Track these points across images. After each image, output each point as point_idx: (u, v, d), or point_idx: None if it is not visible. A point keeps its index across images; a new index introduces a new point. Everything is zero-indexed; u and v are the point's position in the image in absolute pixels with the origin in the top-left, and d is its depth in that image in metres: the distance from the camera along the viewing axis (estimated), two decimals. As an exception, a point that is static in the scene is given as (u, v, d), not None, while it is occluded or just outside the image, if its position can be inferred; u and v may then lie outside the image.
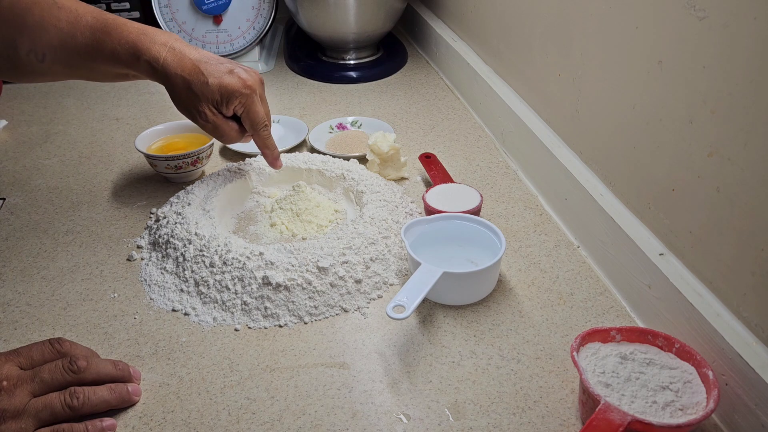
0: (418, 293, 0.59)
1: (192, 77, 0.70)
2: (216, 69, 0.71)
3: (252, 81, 0.73)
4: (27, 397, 0.51)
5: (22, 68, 0.70)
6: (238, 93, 0.71)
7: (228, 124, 0.74)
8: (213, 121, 0.73)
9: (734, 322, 0.52)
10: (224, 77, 0.71)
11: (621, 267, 0.66)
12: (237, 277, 0.66)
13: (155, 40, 0.70)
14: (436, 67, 1.27)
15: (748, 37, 0.47)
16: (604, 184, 0.71)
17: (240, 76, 0.71)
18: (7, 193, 0.87)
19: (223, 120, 0.74)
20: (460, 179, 0.88)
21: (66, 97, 1.16)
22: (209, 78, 0.70)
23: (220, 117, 0.73)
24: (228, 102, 0.72)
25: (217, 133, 0.75)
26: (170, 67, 0.69)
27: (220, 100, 0.71)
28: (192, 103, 0.71)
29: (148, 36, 0.69)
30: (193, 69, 0.70)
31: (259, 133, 0.76)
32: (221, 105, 0.72)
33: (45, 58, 0.68)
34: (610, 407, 0.48)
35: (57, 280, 0.71)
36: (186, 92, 0.71)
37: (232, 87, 0.71)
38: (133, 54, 0.69)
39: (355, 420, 0.54)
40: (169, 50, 0.70)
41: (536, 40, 0.84)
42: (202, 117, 0.72)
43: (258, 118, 0.75)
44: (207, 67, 0.70)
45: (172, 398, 0.56)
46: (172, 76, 0.70)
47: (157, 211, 0.80)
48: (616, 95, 0.66)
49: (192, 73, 0.70)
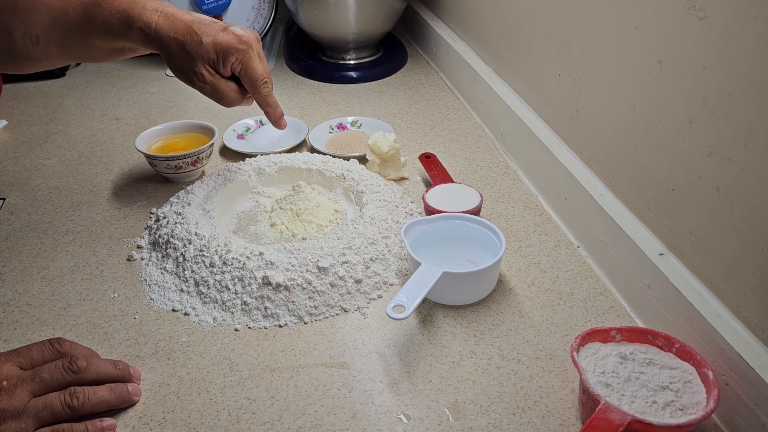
0: (418, 293, 0.59)
1: (186, 38, 0.69)
2: (210, 28, 0.70)
3: (248, 37, 0.71)
4: (27, 397, 0.51)
5: (18, 54, 0.69)
6: (234, 49, 0.70)
7: (227, 83, 0.73)
8: (211, 82, 0.71)
9: (734, 322, 0.52)
10: (219, 35, 0.69)
11: (621, 267, 0.66)
12: (237, 277, 0.66)
13: (146, 6, 0.69)
14: (436, 67, 1.27)
15: (748, 37, 0.47)
16: (604, 184, 0.71)
17: (235, 33, 0.70)
18: (7, 193, 0.87)
19: (221, 80, 0.72)
20: (460, 179, 0.88)
21: (66, 97, 1.16)
22: (203, 37, 0.69)
23: (217, 77, 0.72)
24: (224, 59, 0.70)
25: (217, 95, 0.73)
26: (163, 31, 0.68)
27: (216, 59, 0.70)
28: (188, 64, 0.70)
29: (138, 3, 0.68)
30: (186, 30, 0.69)
31: (259, 90, 0.74)
32: (218, 64, 0.71)
33: (39, 39, 0.67)
34: (610, 407, 0.48)
35: (57, 280, 0.71)
36: (181, 54, 0.69)
37: (228, 43, 0.69)
38: (125, 22, 0.68)
39: (355, 420, 0.54)
40: (161, 15, 0.69)
41: (536, 40, 0.84)
42: (199, 78, 0.71)
43: (256, 75, 0.73)
44: (201, 27, 0.69)
45: (172, 398, 0.56)
46: (166, 39, 0.69)
47: (157, 211, 0.80)
48: (616, 95, 0.66)
49: (185, 33, 0.69)
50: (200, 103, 1.12)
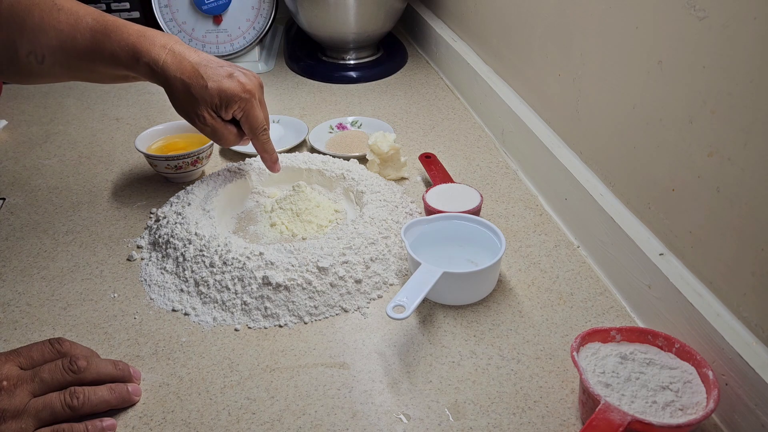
0: (418, 293, 0.59)
1: (191, 81, 0.69)
2: (215, 73, 0.70)
3: (251, 85, 0.72)
4: (27, 397, 0.51)
5: (22, 70, 0.70)
6: (238, 98, 0.71)
7: (227, 127, 0.74)
8: (212, 125, 0.73)
9: (734, 322, 0.52)
10: (224, 81, 0.70)
11: (621, 267, 0.66)
12: (237, 277, 0.66)
13: (155, 42, 0.70)
14: (436, 67, 1.27)
15: (748, 37, 0.47)
16: (604, 184, 0.71)
17: (239, 80, 0.71)
18: (7, 193, 0.87)
19: (222, 124, 0.73)
20: (460, 179, 0.88)
21: (66, 97, 1.16)
22: (209, 82, 0.70)
23: (218, 121, 0.73)
24: (227, 106, 0.71)
25: (216, 137, 0.75)
26: (170, 70, 0.69)
27: (219, 104, 0.71)
28: (191, 106, 0.71)
29: (147, 38, 0.69)
30: (192, 72, 0.70)
31: (258, 138, 0.76)
32: (220, 109, 0.72)
33: (44, 59, 0.68)
34: (610, 407, 0.48)
35: (57, 280, 0.71)
36: (185, 95, 0.71)
37: (232, 91, 0.70)
38: (133, 56, 0.69)
39: (355, 420, 0.54)
40: (168, 52, 0.70)
41: (536, 40, 0.84)
42: (201, 120, 0.72)
43: (257, 123, 0.74)
44: (207, 71, 0.70)
45: (172, 398, 0.56)
46: (172, 78, 0.70)
47: (157, 211, 0.80)
48: (616, 95, 0.66)
49: (192, 76, 0.69)
50: (200, 103, 1.12)
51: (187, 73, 0.69)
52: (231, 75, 0.71)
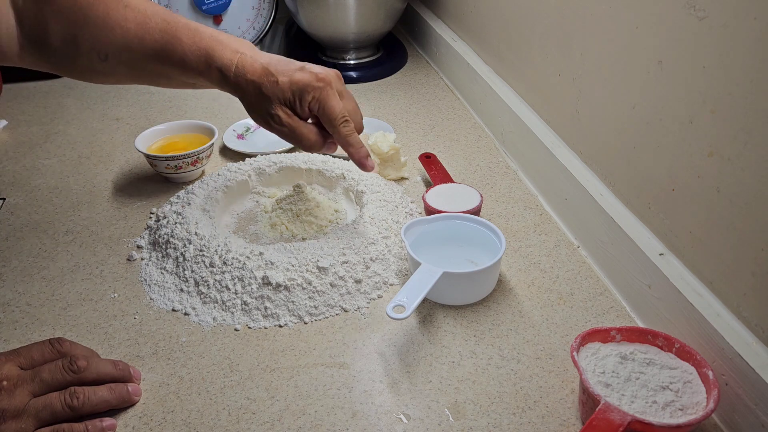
0: (418, 293, 0.59)
1: (262, 79, 0.65)
2: (286, 68, 0.66)
3: (325, 74, 0.67)
4: (27, 397, 0.51)
5: (81, 66, 0.66)
6: (311, 87, 0.65)
7: (306, 126, 0.68)
8: (288, 124, 0.67)
9: (734, 322, 0.52)
10: (295, 74, 0.66)
11: (621, 267, 0.66)
12: (237, 277, 0.66)
13: (228, 46, 0.66)
14: (436, 67, 1.27)
15: (748, 37, 0.47)
16: (604, 184, 0.71)
17: (312, 71, 0.66)
18: (7, 193, 0.87)
19: (300, 122, 0.67)
20: (460, 179, 0.88)
21: (66, 97, 1.16)
22: (279, 77, 0.65)
23: (295, 118, 0.67)
24: (301, 99, 0.66)
25: (295, 138, 0.68)
26: (241, 75, 0.65)
27: (292, 98, 0.66)
28: (264, 106, 0.67)
29: (221, 42, 0.66)
30: (262, 71, 0.65)
31: (338, 129, 0.67)
32: (294, 104, 0.66)
33: (108, 58, 0.65)
34: (610, 407, 0.48)
35: (57, 280, 0.71)
36: (257, 97, 0.66)
37: (304, 81, 0.65)
38: (205, 60, 0.65)
39: (355, 420, 0.54)
40: (240, 57, 0.66)
41: (536, 40, 0.84)
42: (276, 120, 0.67)
43: (335, 112, 0.67)
44: (277, 67, 0.66)
45: (172, 398, 0.56)
46: (243, 83, 0.66)
47: (157, 211, 0.80)
48: (616, 95, 0.66)
49: (262, 75, 0.65)
50: (200, 103, 1.12)
51: (257, 73, 0.65)
52: (302, 68, 0.67)
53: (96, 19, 0.63)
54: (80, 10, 0.63)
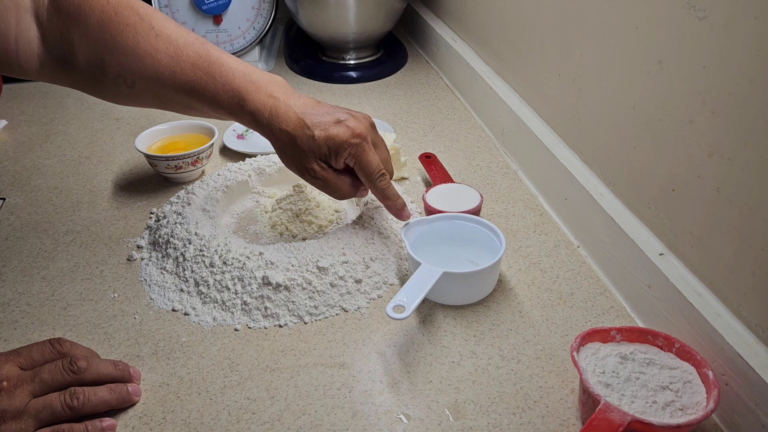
0: (418, 293, 0.59)
1: (297, 132, 0.64)
2: (322, 120, 0.64)
3: (361, 128, 0.65)
4: (27, 398, 0.51)
5: (108, 90, 0.65)
6: (347, 144, 0.64)
7: (340, 178, 0.67)
8: (323, 177, 0.66)
9: (734, 322, 0.52)
10: (331, 129, 0.64)
11: (621, 267, 0.66)
12: (237, 276, 0.66)
13: (261, 89, 0.64)
14: (436, 67, 1.27)
15: (748, 37, 0.47)
16: (604, 184, 0.71)
17: (348, 125, 0.64)
18: (7, 193, 0.87)
19: (334, 175, 0.67)
20: (460, 179, 0.88)
21: (66, 97, 1.16)
22: (315, 131, 0.64)
23: (330, 172, 0.66)
24: (337, 155, 0.65)
25: (328, 189, 0.68)
26: (274, 122, 0.64)
27: (328, 154, 0.65)
28: (299, 159, 0.65)
29: (254, 83, 0.64)
30: (298, 123, 0.64)
31: (375, 184, 0.67)
32: (330, 158, 0.65)
33: (135, 85, 0.63)
34: (610, 407, 0.48)
35: (57, 280, 0.71)
36: (292, 148, 0.65)
37: (340, 138, 0.64)
38: (237, 102, 0.64)
39: (355, 420, 0.54)
40: (273, 102, 0.64)
41: (536, 40, 0.84)
42: (311, 173, 0.66)
43: (371, 168, 0.66)
44: (312, 119, 0.64)
45: (172, 398, 0.56)
46: (277, 131, 0.64)
47: (157, 211, 0.80)
48: (616, 95, 0.66)
49: (297, 127, 0.64)
50: (200, 103, 1.12)
51: (292, 124, 0.64)
52: (339, 121, 0.65)
53: (125, 47, 0.61)
54: (109, 35, 0.61)
